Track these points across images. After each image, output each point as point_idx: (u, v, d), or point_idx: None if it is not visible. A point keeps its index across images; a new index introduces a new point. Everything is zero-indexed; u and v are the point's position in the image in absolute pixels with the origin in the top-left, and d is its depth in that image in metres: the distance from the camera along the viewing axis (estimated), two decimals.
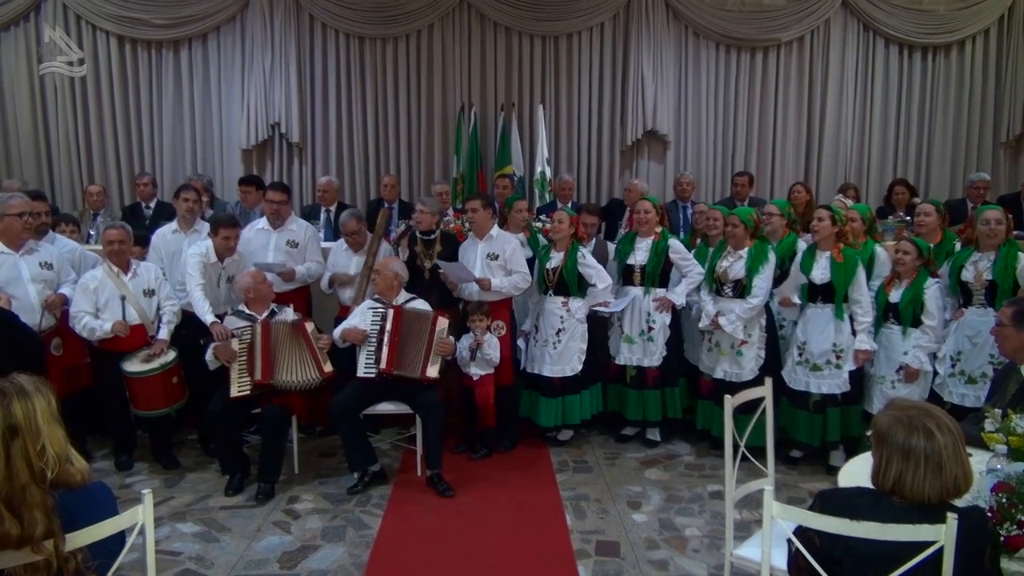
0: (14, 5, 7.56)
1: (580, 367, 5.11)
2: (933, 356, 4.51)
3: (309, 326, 4.63)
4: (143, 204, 6.74)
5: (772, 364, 4.81)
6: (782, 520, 2.00)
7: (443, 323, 4.62)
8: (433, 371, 4.54)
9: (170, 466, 4.84)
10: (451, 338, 4.65)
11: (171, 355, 4.70)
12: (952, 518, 1.75)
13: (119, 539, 1.88)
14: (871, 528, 1.82)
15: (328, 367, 4.55)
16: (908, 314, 4.48)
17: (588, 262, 5.05)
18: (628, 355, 5.17)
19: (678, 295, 5.09)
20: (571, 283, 5.04)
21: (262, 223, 5.36)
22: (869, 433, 2.02)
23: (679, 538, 3.92)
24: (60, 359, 4.65)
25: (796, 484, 4.58)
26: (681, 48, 8.21)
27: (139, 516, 1.88)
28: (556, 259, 5.08)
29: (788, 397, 4.79)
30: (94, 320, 4.56)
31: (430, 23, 7.95)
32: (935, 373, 4.54)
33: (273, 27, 7.77)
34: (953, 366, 4.48)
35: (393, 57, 8.01)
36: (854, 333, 4.62)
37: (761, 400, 3.09)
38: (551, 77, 8.13)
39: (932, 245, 4.73)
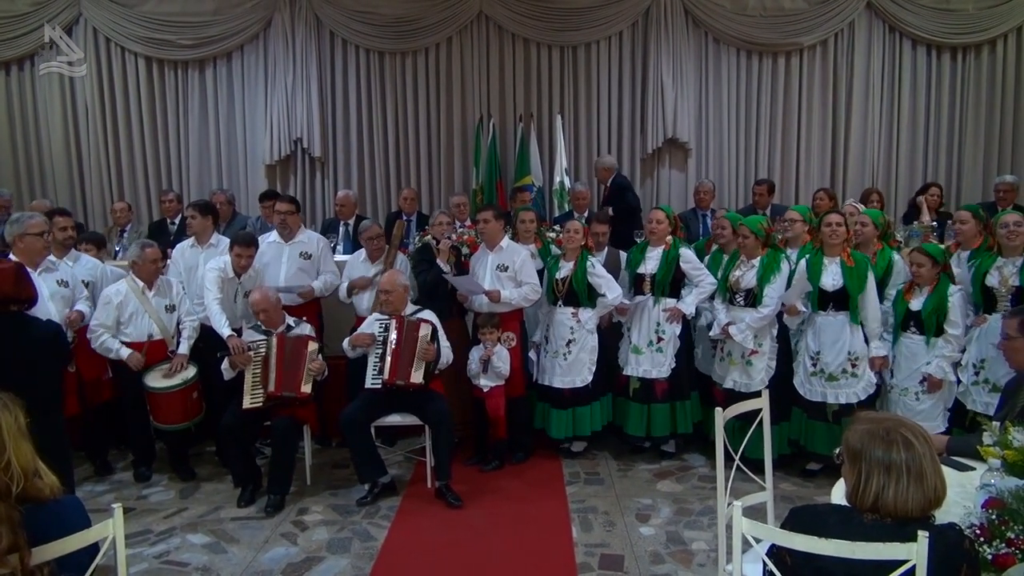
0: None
1: (590, 378, 5.07)
2: (956, 365, 4.38)
3: (312, 345, 4.64)
4: (168, 220, 6.89)
5: (785, 375, 4.72)
6: (751, 536, 1.95)
7: (425, 329, 4.58)
8: (417, 377, 4.49)
9: (187, 477, 4.92)
10: (434, 344, 4.58)
11: (191, 371, 4.80)
12: (923, 536, 1.69)
13: (91, 552, 1.90)
14: (840, 546, 1.76)
15: (306, 388, 4.54)
16: (932, 323, 4.37)
17: (597, 272, 5.02)
18: (635, 366, 5.10)
19: (688, 304, 5.02)
20: (581, 293, 5.00)
21: (273, 236, 5.43)
22: (837, 451, 1.95)
23: (685, 552, 3.85)
24: (77, 373, 4.77)
25: (812, 498, 4.46)
26: (701, 55, 8.13)
27: (109, 530, 1.90)
28: (565, 269, 5.06)
29: (803, 409, 4.70)
30: (112, 340, 4.69)
31: (448, 36, 8.01)
32: (958, 382, 4.41)
33: (295, 45, 7.91)
34: (977, 374, 4.35)
35: (412, 71, 8.08)
36: (866, 340, 4.53)
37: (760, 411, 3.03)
38: (569, 87, 8.12)
39: (972, 250, 4.61)
